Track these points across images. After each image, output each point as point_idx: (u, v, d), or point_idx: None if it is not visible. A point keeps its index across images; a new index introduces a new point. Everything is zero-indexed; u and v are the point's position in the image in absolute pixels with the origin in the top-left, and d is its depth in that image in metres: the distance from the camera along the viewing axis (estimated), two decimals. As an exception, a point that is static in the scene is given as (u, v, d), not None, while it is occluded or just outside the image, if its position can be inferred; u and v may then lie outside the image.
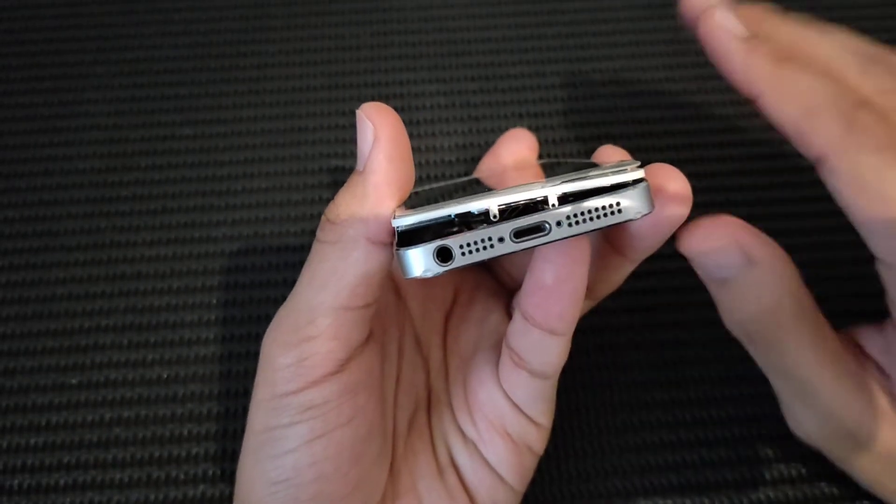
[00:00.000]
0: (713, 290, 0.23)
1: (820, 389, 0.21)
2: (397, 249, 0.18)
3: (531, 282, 0.20)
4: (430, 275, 0.17)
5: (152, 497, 0.27)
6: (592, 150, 0.34)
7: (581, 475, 0.27)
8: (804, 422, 0.22)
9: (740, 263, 0.21)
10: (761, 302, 0.21)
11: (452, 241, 0.17)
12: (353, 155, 0.34)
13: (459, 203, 0.17)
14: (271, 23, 0.37)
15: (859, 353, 0.22)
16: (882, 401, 0.21)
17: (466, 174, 0.32)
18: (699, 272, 0.23)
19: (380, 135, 0.18)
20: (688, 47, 0.36)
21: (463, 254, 0.17)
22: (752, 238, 0.22)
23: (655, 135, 0.34)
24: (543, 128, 0.34)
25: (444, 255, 0.17)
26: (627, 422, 0.28)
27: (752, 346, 0.23)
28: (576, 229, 0.18)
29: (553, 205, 0.18)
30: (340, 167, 0.33)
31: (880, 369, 0.22)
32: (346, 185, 0.19)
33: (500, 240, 0.17)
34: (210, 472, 0.27)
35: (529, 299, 0.20)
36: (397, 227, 0.18)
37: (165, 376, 0.29)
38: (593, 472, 0.27)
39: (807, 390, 0.22)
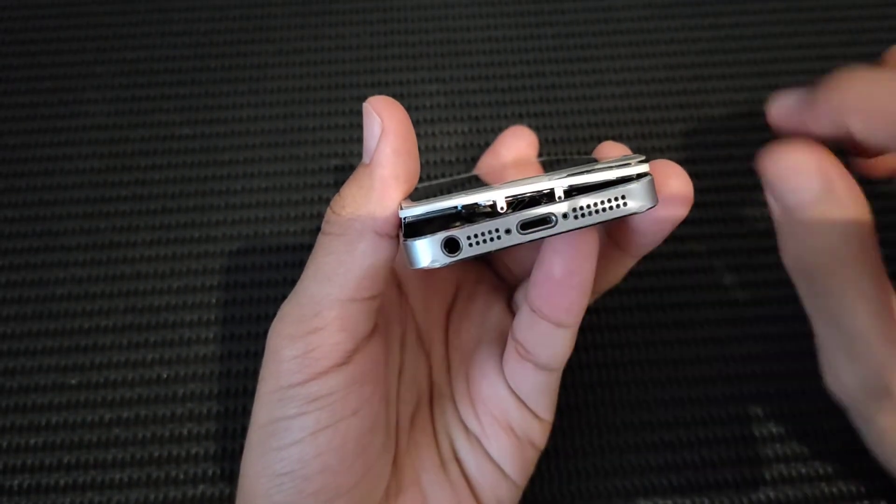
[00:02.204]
0: (780, 217, 0.21)
1: (871, 343, 0.20)
2: (405, 240, 0.18)
3: (540, 274, 0.20)
4: (437, 265, 0.17)
5: (152, 497, 0.27)
6: (592, 150, 0.34)
7: (581, 474, 0.27)
8: (843, 375, 0.21)
9: (818, 189, 0.20)
10: (831, 235, 0.20)
11: (460, 232, 0.17)
12: (353, 154, 0.34)
13: (467, 195, 0.18)
14: (271, 23, 0.37)
15: None
16: None
17: (466, 174, 0.32)
18: (769, 195, 0.22)
19: (387, 128, 0.18)
20: (688, 47, 0.36)
21: (470, 245, 0.17)
22: (836, 169, 0.20)
23: (655, 135, 0.34)
24: (543, 128, 0.34)
25: (451, 245, 0.17)
26: (627, 421, 0.28)
27: (806, 285, 0.21)
28: (581, 222, 0.18)
29: (559, 197, 0.18)
30: (340, 167, 0.33)
31: None
32: (351, 177, 0.19)
33: (507, 231, 0.17)
34: (210, 472, 0.27)
35: (538, 291, 0.20)
36: (404, 218, 0.18)
37: (165, 376, 0.29)
38: (593, 472, 0.27)
39: (855, 342, 0.20)
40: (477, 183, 0.26)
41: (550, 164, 0.26)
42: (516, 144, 0.27)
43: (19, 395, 0.29)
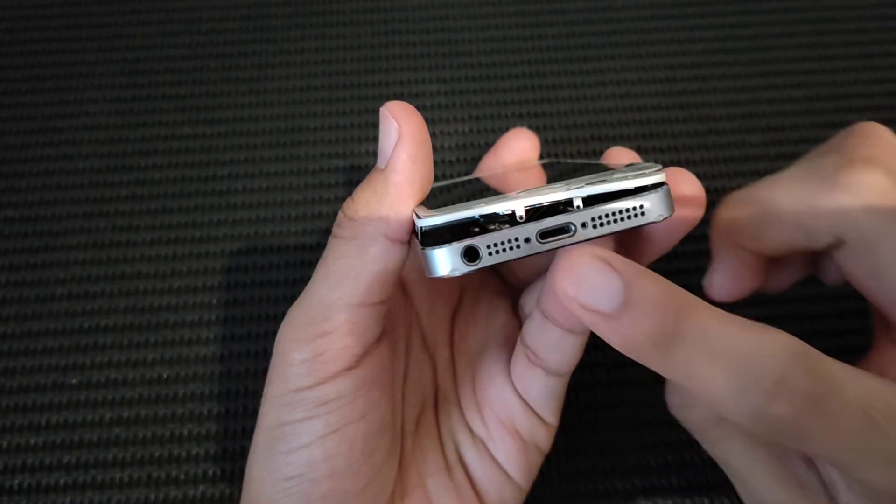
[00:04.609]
0: None
1: (761, 489, 0.20)
2: (423, 249, 0.18)
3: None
4: (456, 274, 0.17)
5: (152, 497, 0.27)
6: (593, 151, 0.34)
7: (581, 474, 0.27)
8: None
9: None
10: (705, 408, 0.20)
11: (480, 241, 0.17)
12: (354, 154, 0.34)
13: (485, 204, 0.17)
14: (271, 23, 0.37)
15: (805, 459, 0.21)
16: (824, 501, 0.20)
17: (467, 174, 0.32)
18: None
19: (404, 133, 0.18)
20: (688, 47, 0.36)
21: (490, 254, 0.17)
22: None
23: (655, 135, 0.34)
24: (543, 128, 0.34)
25: (471, 254, 0.17)
26: (628, 421, 0.28)
27: (691, 432, 0.22)
28: (600, 231, 0.18)
29: (578, 206, 0.18)
30: (341, 167, 0.33)
31: (822, 481, 0.20)
32: (365, 181, 0.19)
33: (527, 240, 0.17)
34: (210, 472, 0.27)
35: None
36: (422, 227, 0.18)
37: (166, 376, 0.29)
38: (593, 472, 0.27)
39: (748, 486, 0.21)
40: (479, 184, 0.26)
41: (551, 167, 0.26)
42: (518, 146, 0.27)
43: (19, 395, 0.29)
